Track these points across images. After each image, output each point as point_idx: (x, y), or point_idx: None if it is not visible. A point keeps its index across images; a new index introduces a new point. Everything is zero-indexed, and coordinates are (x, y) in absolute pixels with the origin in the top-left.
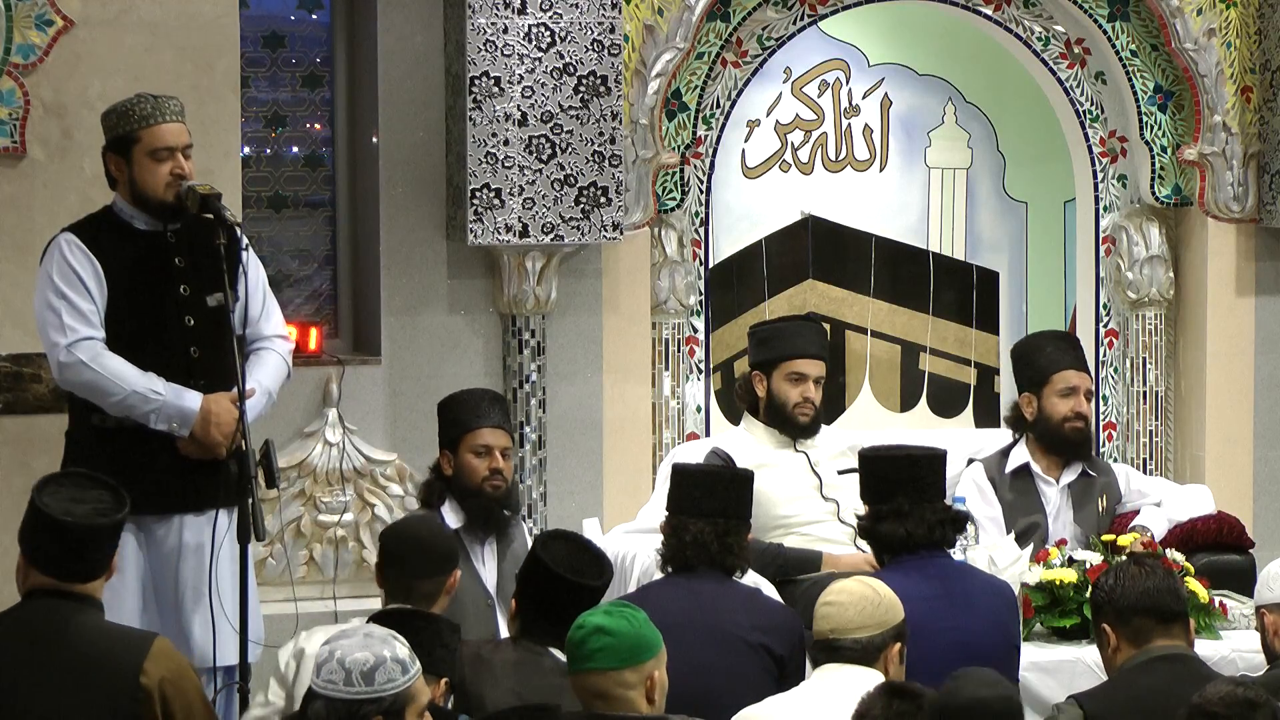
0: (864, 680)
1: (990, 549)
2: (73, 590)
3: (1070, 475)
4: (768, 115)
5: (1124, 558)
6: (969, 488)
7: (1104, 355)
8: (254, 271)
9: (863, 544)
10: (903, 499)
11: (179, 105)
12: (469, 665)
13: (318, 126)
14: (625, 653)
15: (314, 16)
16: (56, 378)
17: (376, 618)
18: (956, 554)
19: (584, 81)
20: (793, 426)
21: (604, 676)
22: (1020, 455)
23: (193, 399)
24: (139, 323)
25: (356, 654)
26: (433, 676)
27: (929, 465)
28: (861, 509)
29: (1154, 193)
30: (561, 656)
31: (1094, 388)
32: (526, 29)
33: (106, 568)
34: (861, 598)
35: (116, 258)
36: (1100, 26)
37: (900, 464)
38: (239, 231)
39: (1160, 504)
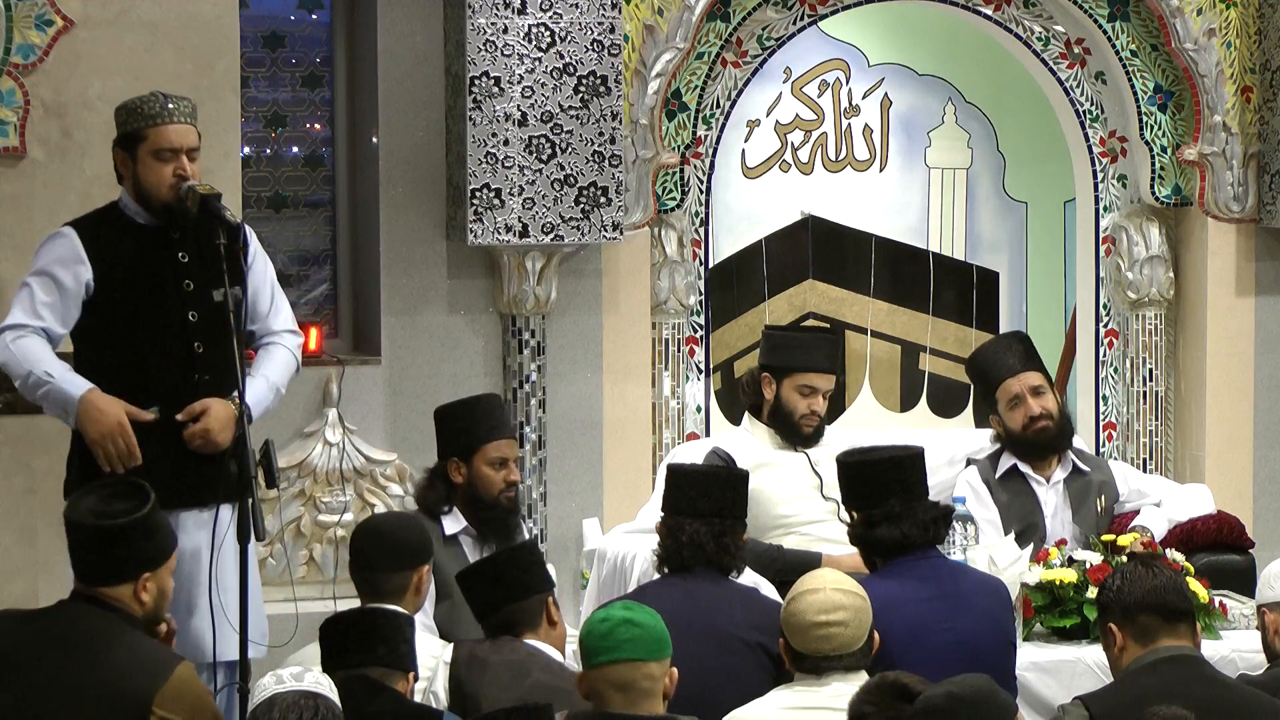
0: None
1: (990, 549)
2: (102, 596)
3: (1061, 473)
4: (768, 115)
5: (1124, 558)
6: (965, 491)
7: (1104, 355)
8: (262, 268)
9: None
10: (894, 501)
11: (190, 107)
12: (465, 665)
13: (318, 126)
14: (653, 644)
15: (314, 16)
16: None
17: (335, 618)
18: (957, 554)
19: (584, 81)
20: (797, 435)
21: (633, 667)
22: (1010, 458)
23: (76, 387)
24: (140, 317)
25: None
26: (400, 672)
27: (913, 465)
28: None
29: (1154, 193)
30: (555, 655)
31: (1046, 378)
32: (526, 29)
33: (125, 576)
34: (857, 610)
35: (117, 253)
36: (1100, 26)
37: (886, 467)
38: (244, 230)
39: (1160, 504)
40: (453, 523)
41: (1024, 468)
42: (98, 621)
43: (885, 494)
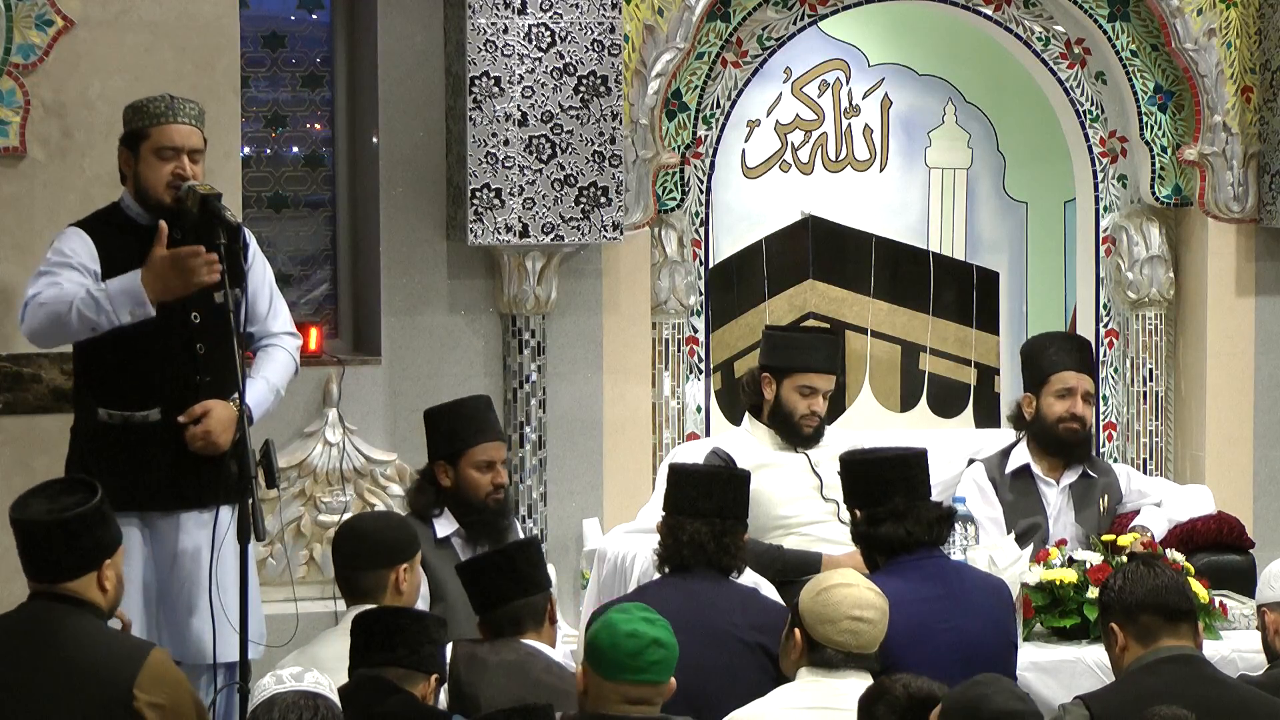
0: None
1: (990, 549)
2: (63, 592)
3: (1071, 476)
4: (768, 115)
5: (1124, 558)
6: (969, 488)
7: (1104, 355)
8: (261, 270)
9: None
10: (898, 499)
11: (197, 109)
12: (464, 665)
13: (318, 126)
14: (673, 664)
15: (314, 16)
16: (28, 337)
17: (363, 616)
18: (957, 554)
19: (584, 81)
20: (797, 436)
21: (655, 688)
22: (1021, 456)
23: (133, 276)
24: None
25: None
26: (421, 674)
27: (917, 464)
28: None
29: (1154, 193)
30: (555, 655)
31: (1095, 390)
32: (526, 29)
33: (87, 567)
34: (882, 612)
35: (120, 253)
36: (1100, 26)
37: (893, 465)
38: (243, 231)
39: (1160, 504)
40: (444, 525)
41: (1035, 468)
42: (65, 617)
43: (889, 492)
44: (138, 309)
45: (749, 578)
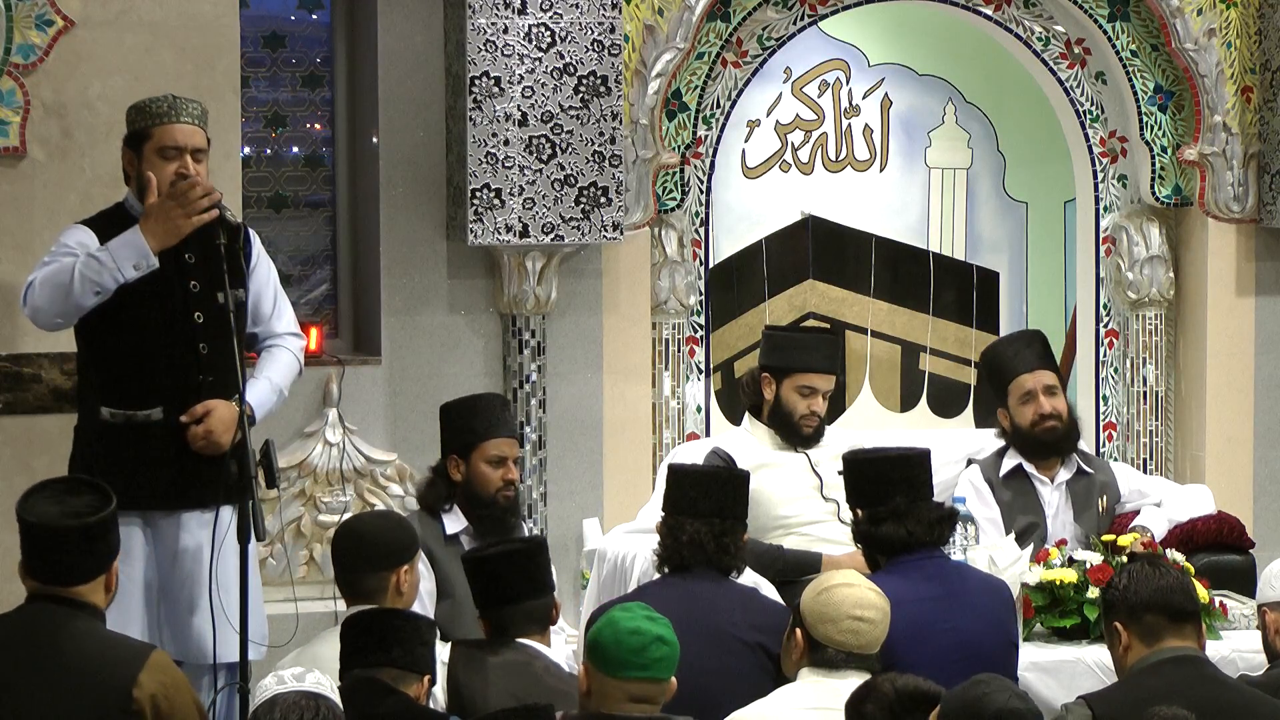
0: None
1: (990, 549)
2: (66, 595)
3: (1066, 474)
4: (768, 115)
5: (1124, 558)
6: (967, 489)
7: (1104, 355)
8: (265, 270)
9: None
10: (900, 499)
11: (199, 109)
12: (463, 666)
13: (318, 126)
14: (675, 662)
15: (314, 16)
16: (31, 318)
17: (355, 618)
18: (957, 554)
19: (584, 81)
20: (796, 436)
21: (658, 685)
22: (1014, 457)
23: (133, 229)
24: (146, 317)
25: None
26: (415, 675)
27: (920, 464)
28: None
29: (1154, 193)
30: (554, 655)
31: (1059, 380)
32: (526, 29)
33: (99, 571)
34: (884, 612)
35: None
36: (1100, 26)
37: (895, 464)
38: (247, 232)
39: (1160, 504)
40: (454, 522)
41: (1029, 468)
42: (67, 619)
43: (891, 491)
44: (141, 260)
45: (749, 578)
